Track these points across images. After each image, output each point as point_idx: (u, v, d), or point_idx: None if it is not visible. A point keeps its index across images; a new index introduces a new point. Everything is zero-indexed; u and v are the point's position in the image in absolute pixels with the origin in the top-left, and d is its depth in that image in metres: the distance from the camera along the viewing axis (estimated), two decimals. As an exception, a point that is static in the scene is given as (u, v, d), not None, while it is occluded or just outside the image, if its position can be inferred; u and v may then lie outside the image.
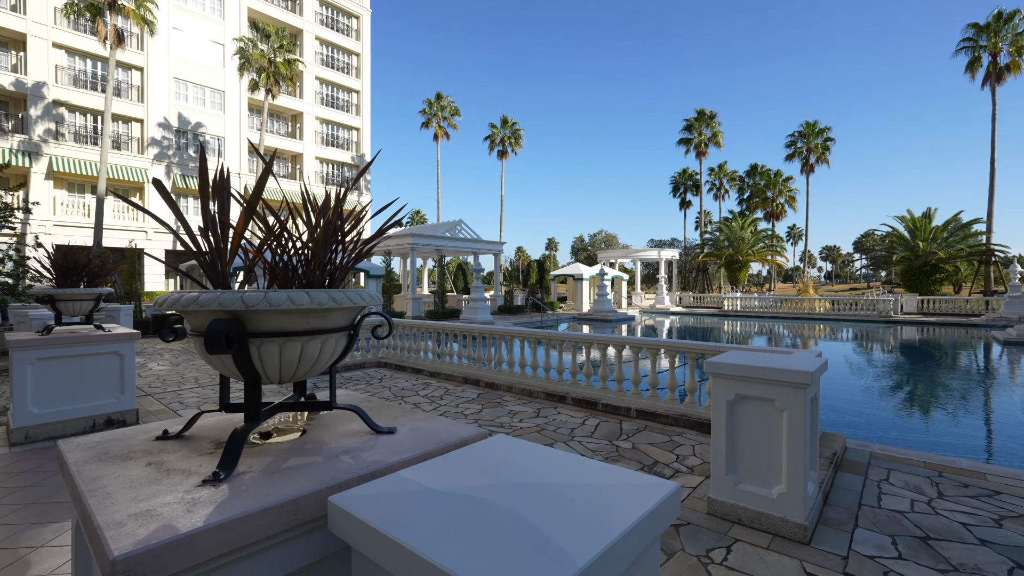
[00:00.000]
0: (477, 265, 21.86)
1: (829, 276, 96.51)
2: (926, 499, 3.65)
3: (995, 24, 30.56)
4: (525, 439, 4.99)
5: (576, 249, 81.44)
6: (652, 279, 45.87)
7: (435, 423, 1.79)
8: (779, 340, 19.11)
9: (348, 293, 1.50)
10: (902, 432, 7.23)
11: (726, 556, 2.87)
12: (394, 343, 9.72)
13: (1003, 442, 6.72)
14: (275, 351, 1.41)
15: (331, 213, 1.56)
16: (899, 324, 23.07)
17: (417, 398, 6.93)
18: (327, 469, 1.32)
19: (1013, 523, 3.29)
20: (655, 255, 37.79)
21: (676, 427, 5.42)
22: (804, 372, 2.96)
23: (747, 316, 28.08)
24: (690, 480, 3.99)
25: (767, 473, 3.18)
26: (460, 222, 28.07)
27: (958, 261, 30.64)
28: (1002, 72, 30.71)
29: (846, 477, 4.08)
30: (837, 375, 11.40)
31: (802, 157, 44.07)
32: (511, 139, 46.93)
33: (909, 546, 3.00)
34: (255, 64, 28.14)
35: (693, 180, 51.04)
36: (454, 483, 1.25)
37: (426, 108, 44.03)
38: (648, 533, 1.11)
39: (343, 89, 40.32)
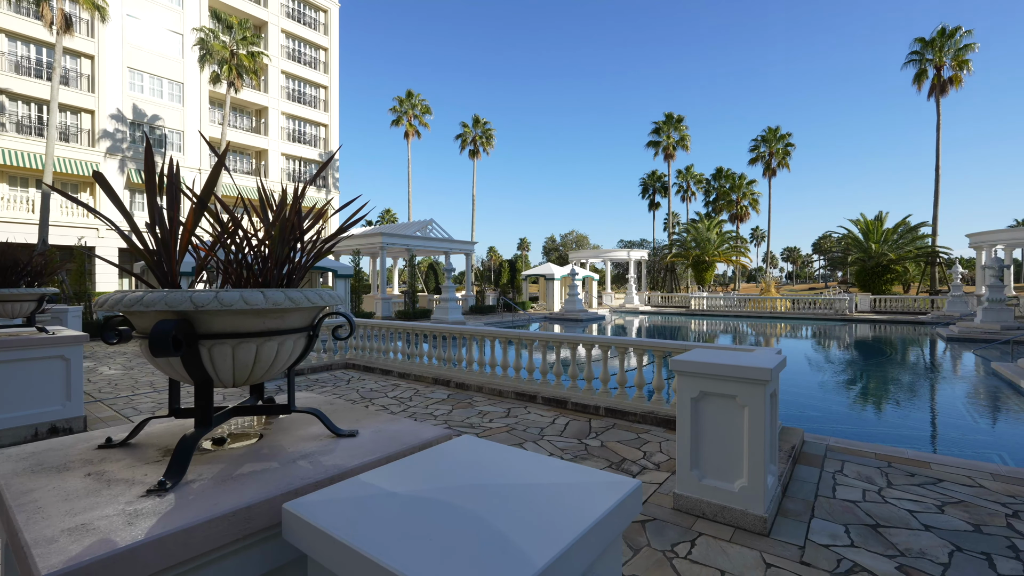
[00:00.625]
0: (448, 265, 21.71)
1: (790, 276, 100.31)
2: (876, 488, 3.83)
3: (939, 39, 32.42)
4: (494, 439, 4.96)
5: (548, 249, 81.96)
6: (622, 279, 46.68)
7: (399, 425, 1.75)
8: (743, 338, 19.73)
9: (306, 292, 1.46)
10: (856, 425, 7.57)
11: (690, 550, 2.93)
12: (363, 344, 9.54)
13: (946, 432, 7.13)
14: (228, 353, 1.35)
15: (288, 210, 1.51)
16: (854, 322, 24.18)
17: (386, 400, 6.82)
18: (283, 475, 1.28)
19: (954, 508, 3.48)
20: (625, 255, 38.42)
21: (644, 424, 5.52)
22: (764, 369, 3.05)
23: (713, 315, 28.88)
24: (656, 476, 4.06)
25: (729, 468, 3.26)
26: (431, 221, 27.82)
27: (907, 262, 32.37)
28: (946, 84, 32.60)
29: (804, 469, 4.23)
30: (796, 372, 11.85)
31: (764, 161, 45.65)
32: (482, 139, 46.82)
33: (861, 534, 3.14)
34: (216, 56, 27.11)
35: (661, 182, 52.15)
36: (416, 486, 1.23)
37: (396, 106, 43.45)
38: (610, 530, 1.11)
39: (310, 84, 39.34)
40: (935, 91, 33.00)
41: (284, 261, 1.56)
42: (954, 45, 32.19)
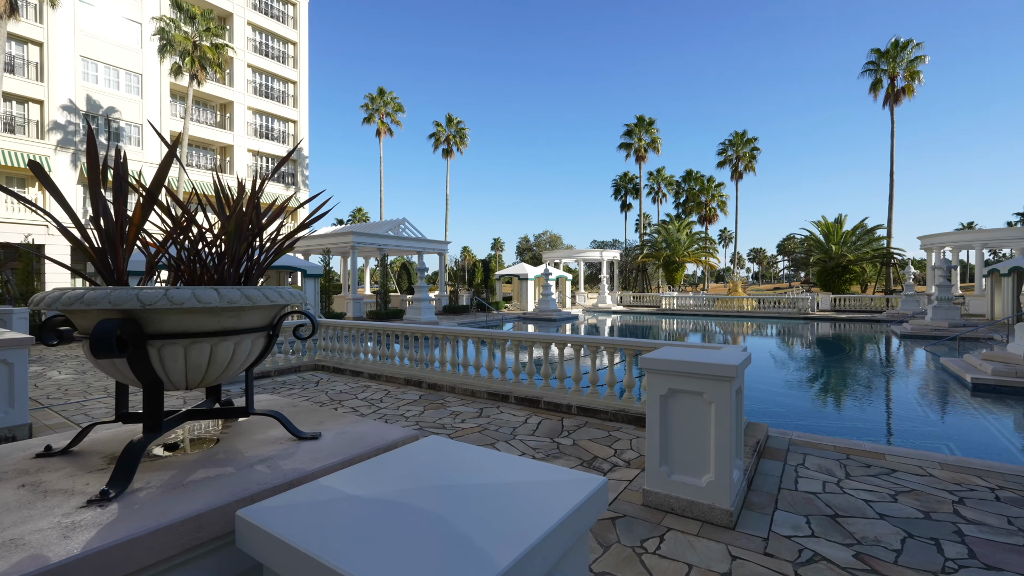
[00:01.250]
0: (421, 265, 21.49)
1: (756, 276, 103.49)
2: (836, 480, 3.98)
3: (893, 51, 34.03)
4: (466, 440, 4.93)
5: (521, 249, 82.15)
6: (595, 279, 47.23)
7: (363, 426, 1.71)
8: (711, 337, 20.24)
9: (265, 290, 1.40)
10: (818, 419, 7.85)
11: (659, 545, 2.97)
12: (333, 345, 9.34)
13: (899, 424, 7.47)
14: (179, 354, 1.28)
15: (245, 205, 1.45)
16: (815, 320, 25.12)
17: (356, 401, 6.69)
18: (238, 480, 1.22)
19: (906, 497, 3.65)
20: (598, 256, 38.87)
21: (615, 422, 5.58)
22: (729, 366, 3.13)
23: (683, 314, 29.52)
24: (627, 473, 4.11)
25: (697, 463, 3.33)
26: (404, 220, 27.49)
27: (864, 263, 33.84)
28: (899, 94, 34.25)
29: (768, 463, 4.36)
30: (762, 369, 12.22)
31: (732, 164, 46.94)
32: (456, 138, 46.56)
33: (821, 524, 3.25)
34: (178, 47, 26.08)
35: (633, 184, 52.99)
36: (379, 488, 1.19)
37: (368, 103, 42.76)
38: (576, 528, 1.11)
39: (279, 79, 38.29)
40: (889, 100, 34.61)
41: (241, 258, 1.50)
42: (906, 57, 33.84)
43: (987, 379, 8.61)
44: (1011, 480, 3.96)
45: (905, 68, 33.87)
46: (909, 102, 34.30)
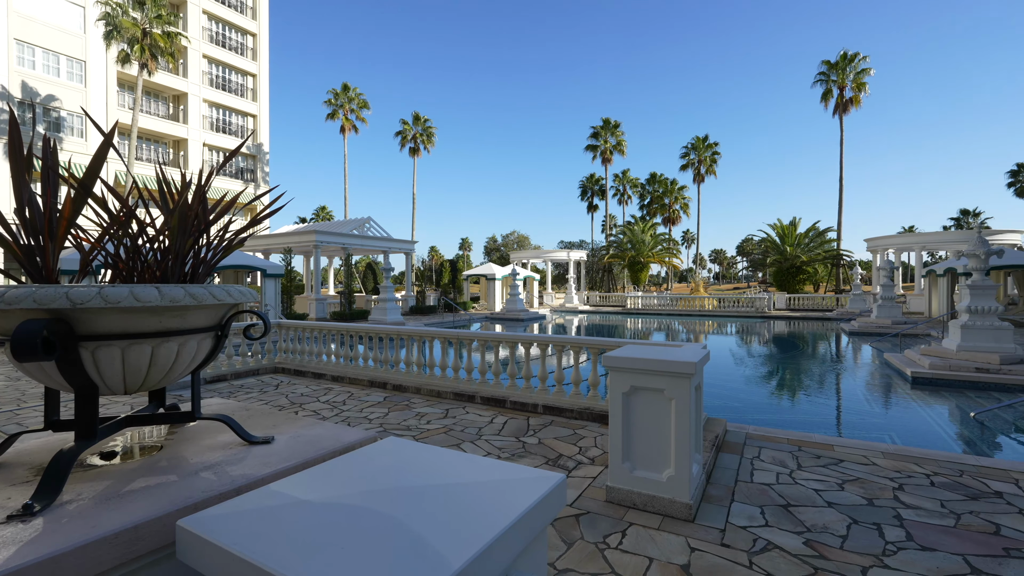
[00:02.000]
0: (387, 264, 21.14)
1: (717, 277, 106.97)
2: (788, 471, 4.15)
3: (842, 63, 35.87)
4: (431, 441, 4.85)
5: (489, 249, 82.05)
6: (562, 279, 47.66)
7: (319, 429, 1.66)
8: (675, 335, 20.78)
9: (212, 289, 1.34)
10: (773, 413, 8.17)
11: (621, 540, 3.02)
12: (294, 347, 9.06)
13: (847, 417, 7.88)
14: (116, 356, 1.21)
15: (191, 198, 1.38)
16: (772, 319, 26.18)
17: (317, 404, 6.51)
18: (181, 489, 1.16)
19: (852, 485, 3.85)
20: (565, 256, 39.26)
21: (580, 420, 5.64)
22: (689, 363, 3.21)
23: (647, 313, 30.19)
24: (591, 471, 4.16)
25: (658, 459, 3.40)
26: (369, 219, 26.98)
27: (816, 264, 35.52)
28: (847, 104, 36.13)
29: (726, 457, 4.50)
30: (721, 365, 12.63)
31: (694, 168, 48.34)
32: (423, 136, 46.06)
33: (774, 514, 3.38)
34: (126, 33, 24.70)
35: (599, 185, 53.79)
36: (333, 492, 1.16)
37: (332, 99, 41.72)
38: (534, 525, 1.10)
39: (237, 71, 36.88)
40: (839, 109, 36.46)
41: (187, 255, 1.42)
42: (854, 69, 35.73)
43: (925, 373, 9.18)
44: (944, 466, 4.23)
45: (853, 79, 35.75)
46: (856, 111, 36.23)
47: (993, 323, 9.37)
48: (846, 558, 2.83)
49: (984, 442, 6.28)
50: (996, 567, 2.73)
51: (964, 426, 6.85)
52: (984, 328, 9.39)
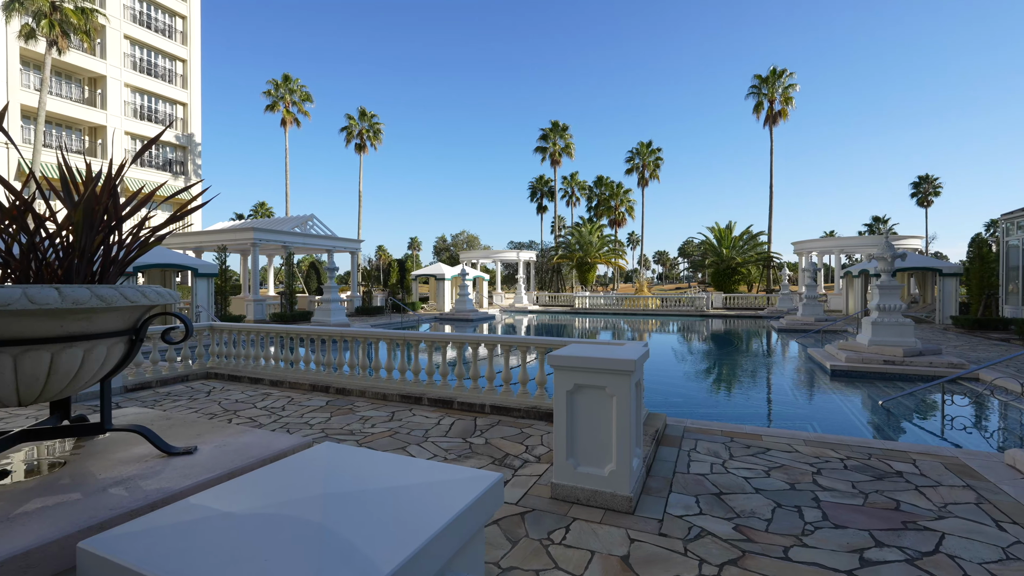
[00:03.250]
0: (331, 264, 20.41)
1: (661, 277, 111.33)
2: (721, 461, 4.39)
3: (772, 77, 38.42)
4: (375, 445, 4.73)
5: (438, 249, 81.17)
6: (512, 279, 47.94)
7: (249, 437, 1.58)
8: (620, 334, 21.44)
9: (124, 290, 1.24)
10: (710, 407, 8.62)
11: (565, 535, 3.08)
12: (228, 351, 8.55)
13: (775, 408, 8.44)
14: (7, 364, 1.09)
15: (100, 190, 1.27)
16: (710, 317, 27.60)
17: (254, 411, 6.18)
18: (85, 508, 1.07)
19: (777, 472, 4.13)
20: (514, 256, 39.53)
21: (528, 419, 5.70)
22: (629, 360, 3.32)
23: (595, 313, 30.96)
24: (537, 468, 4.21)
25: (601, 454, 3.50)
26: (312, 217, 25.95)
27: (750, 265, 37.81)
28: (776, 116, 38.74)
29: (665, 450, 4.70)
30: (663, 362, 13.17)
31: (639, 171, 50.09)
32: (370, 132, 44.87)
33: (708, 502, 3.57)
34: (31, 6, 22.36)
35: (549, 187, 54.58)
36: (259, 502, 1.11)
37: (271, 90, 39.73)
38: (470, 525, 1.11)
39: (165, 55, 34.33)
40: (769, 121, 39.03)
41: (95, 252, 1.31)
42: (782, 84, 38.37)
43: (842, 366, 10.01)
44: (856, 451, 4.63)
45: (781, 93, 38.38)
46: (785, 123, 38.93)
47: (898, 319, 10.36)
48: (770, 540, 3.04)
49: (889, 427, 6.93)
50: (896, 539, 3.03)
51: (874, 413, 7.53)
52: (890, 324, 10.36)
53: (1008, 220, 18.23)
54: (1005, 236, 18.33)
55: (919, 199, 63.04)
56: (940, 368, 9.33)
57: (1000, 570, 2.71)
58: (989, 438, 6.41)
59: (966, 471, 4.13)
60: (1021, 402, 7.30)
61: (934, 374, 9.04)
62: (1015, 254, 17.69)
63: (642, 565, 2.76)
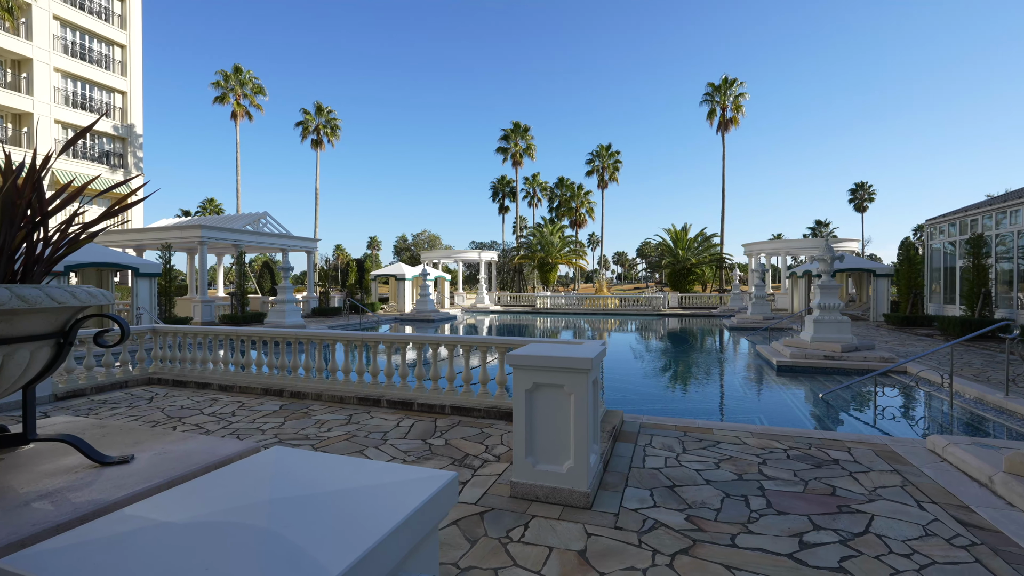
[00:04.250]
0: (286, 263, 19.72)
1: (620, 277, 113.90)
2: (675, 455, 4.55)
3: (724, 86, 40.09)
4: (331, 449, 4.62)
5: (399, 249, 79.91)
6: (474, 279, 47.81)
7: (192, 444, 1.51)
8: (580, 333, 21.79)
9: (50, 290, 1.16)
10: (666, 403, 8.90)
11: (524, 533, 3.11)
12: (173, 355, 8.10)
13: (726, 402, 8.82)
14: (-88, 371, 1.00)
15: (22, 183, 1.18)
16: (667, 316, 28.49)
17: (201, 417, 5.89)
18: (4, 524, 1.00)
19: (726, 463, 4.32)
20: (476, 256, 39.43)
21: (488, 419, 5.71)
22: (586, 359, 3.39)
23: (556, 313, 31.33)
24: (497, 468, 4.23)
25: (559, 451, 3.55)
26: (265, 214, 24.97)
27: (704, 266, 39.30)
28: (728, 123, 40.44)
29: (622, 446, 4.82)
30: (622, 360, 13.49)
31: (598, 174, 51.05)
32: (327, 128, 43.61)
33: (662, 495, 3.69)
34: (-53, -18, 20.42)
35: (510, 187, 54.79)
36: (202, 510, 1.07)
37: (221, 80, 37.92)
38: (423, 525, 1.11)
39: (101, 40, 32.12)
40: (721, 127, 40.69)
41: (16, 250, 1.22)
42: (733, 92, 40.10)
43: (787, 361, 10.57)
44: (798, 441, 4.91)
45: (732, 102, 40.10)
46: (736, 130, 40.69)
47: (837, 317, 11.05)
48: (719, 528, 3.18)
49: (828, 418, 7.38)
50: (831, 522, 3.24)
51: (815, 405, 8.00)
52: (830, 322, 11.03)
53: (932, 225, 19.79)
54: (929, 240, 19.88)
55: (856, 204, 67.36)
56: (873, 362, 10.01)
57: (920, 546, 2.95)
58: (914, 426, 6.94)
59: (894, 457, 4.45)
60: (942, 392, 7.94)
61: (868, 368, 9.69)
62: (938, 257, 19.22)
63: (598, 559, 2.82)
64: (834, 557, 2.83)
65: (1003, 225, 15.85)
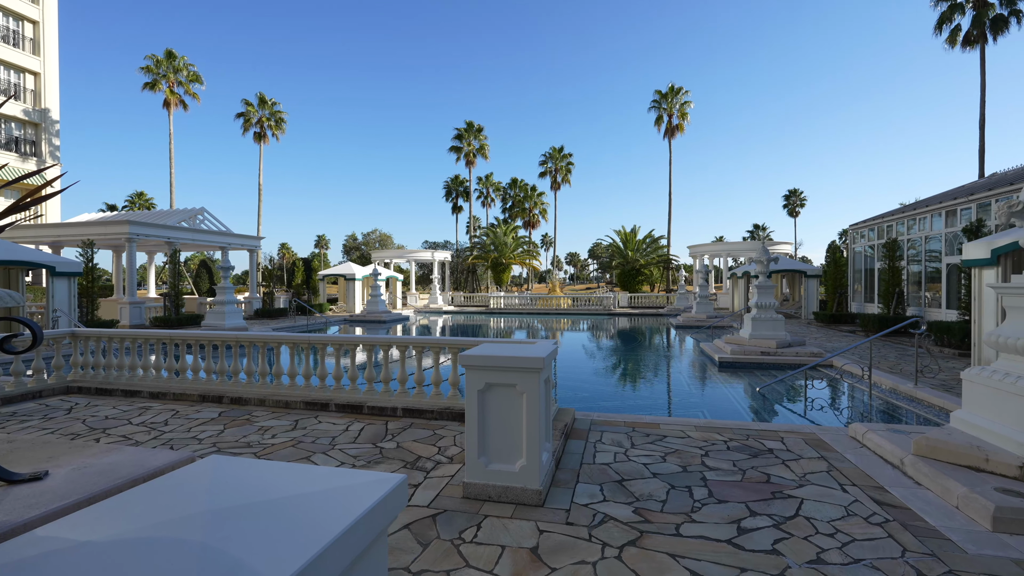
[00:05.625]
0: (226, 262, 18.67)
1: (572, 278, 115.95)
2: (624, 450, 4.69)
3: (670, 94, 41.73)
4: (276, 457, 4.44)
5: (349, 248, 77.60)
6: (427, 279, 47.21)
7: (116, 456, 1.41)
8: (533, 332, 21.99)
9: (-54, 290, 1.05)
10: (616, 400, 9.15)
11: (476, 533, 3.11)
12: (95, 360, 7.47)
13: (673, 398, 9.18)
14: None
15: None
16: (617, 315, 29.29)
17: (128, 427, 5.48)
18: None
19: (672, 456, 4.50)
20: (429, 256, 38.95)
21: (441, 420, 5.65)
22: (538, 359, 3.44)
23: (509, 313, 31.46)
24: (450, 469, 4.20)
25: (512, 451, 3.58)
26: (202, 210, 23.53)
27: (652, 267, 40.72)
28: (674, 130, 42.13)
29: (574, 443, 4.92)
30: (574, 359, 13.74)
31: (551, 175, 51.74)
32: (271, 121, 41.65)
33: (611, 489, 3.80)
34: None
35: (464, 187, 54.51)
36: (128, 527, 0.99)
37: (151, 66, 35.35)
38: (371, 529, 1.08)
39: (8, 13, 29.13)
40: (668, 133, 42.33)
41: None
42: (679, 100, 41.82)
43: (728, 358, 11.14)
44: (737, 433, 5.19)
45: (678, 109, 41.81)
46: (682, 136, 42.46)
47: (772, 316, 11.76)
48: (665, 519, 3.31)
49: (765, 410, 7.85)
50: (766, 508, 3.45)
51: (752, 399, 8.48)
52: (767, 320, 11.74)
53: (854, 230, 21.49)
54: (852, 244, 21.57)
55: (789, 210, 71.97)
56: (804, 357, 10.74)
57: (842, 525, 3.20)
58: (839, 415, 7.51)
59: (821, 444, 4.80)
60: (862, 383, 8.64)
61: (799, 362, 10.39)
62: (859, 259, 20.90)
63: (550, 554, 2.86)
64: (768, 540, 3.02)
65: (913, 231, 17.45)
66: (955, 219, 15.22)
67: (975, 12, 26.50)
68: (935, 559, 2.82)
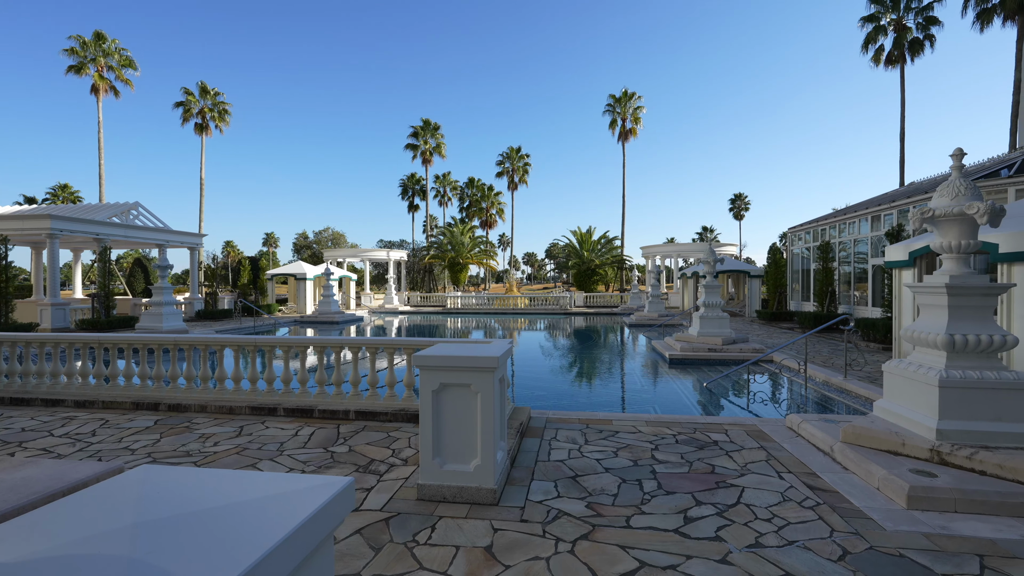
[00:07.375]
0: (163, 260, 17.51)
1: (529, 278, 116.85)
2: (578, 447, 4.78)
3: (624, 98, 42.87)
4: (220, 464, 4.24)
5: (300, 246, 74.82)
6: (382, 279, 46.17)
7: (30, 470, 1.30)
8: (491, 332, 22.01)
9: None
10: (571, 398, 9.30)
11: (431, 535, 3.08)
12: (10, 367, 6.83)
13: (626, 395, 9.44)
14: None
15: None
16: (573, 315, 29.78)
17: (50, 440, 5.05)
18: None
19: (623, 451, 4.63)
20: (384, 256, 38.14)
21: (395, 422, 5.56)
22: (492, 358, 3.45)
23: (467, 313, 31.32)
24: (404, 471, 4.14)
25: (466, 450, 3.57)
26: (136, 205, 22.02)
27: (606, 267, 41.68)
28: (628, 133, 43.32)
29: (529, 441, 4.96)
30: (530, 358, 13.86)
31: (508, 175, 51.95)
32: (214, 112, 39.50)
33: (565, 486, 3.87)
34: None
35: (420, 185, 53.81)
36: (42, 545, 0.92)
37: (77, 48, 32.72)
38: (315, 535, 1.06)
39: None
40: (622, 137, 43.48)
41: None
42: (632, 105, 43.04)
43: (678, 355, 11.58)
44: (685, 427, 5.41)
45: (631, 113, 43.02)
46: (635, 140, 43.71)
47: (718, 314, 12.33)
48: (616, 512, 3.40)
49: (711, 404, 8.22)
50: (711, 497, 3.62)
51: (700, 393, 8.86)
52: (713, 318, 12.28)
53: (793, 233, 22.85)
54: (791, 246, 22.94)
55: (735, 213, 75.62)
56: (747, 353, 11.32)
57: (779, 510, 3.41)
58: (778, 407, 7.97)
59: (761, 435, 5.08)
60: (799, 376, 9.21)
61: (743, 358, 10.94)
62: (797, 260, 22.25)
63: (504, 552, 2.88)
64: (712, 528, 3.17)
65: (844, 234, 18.77)
66: (879, 224, 16.49)
67: (896, 34, 28.86)
68: (858, 537, 3.05)
